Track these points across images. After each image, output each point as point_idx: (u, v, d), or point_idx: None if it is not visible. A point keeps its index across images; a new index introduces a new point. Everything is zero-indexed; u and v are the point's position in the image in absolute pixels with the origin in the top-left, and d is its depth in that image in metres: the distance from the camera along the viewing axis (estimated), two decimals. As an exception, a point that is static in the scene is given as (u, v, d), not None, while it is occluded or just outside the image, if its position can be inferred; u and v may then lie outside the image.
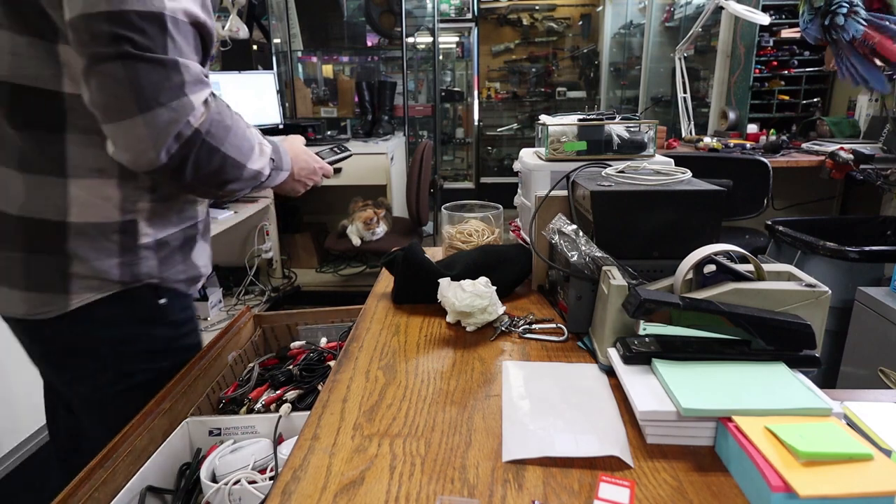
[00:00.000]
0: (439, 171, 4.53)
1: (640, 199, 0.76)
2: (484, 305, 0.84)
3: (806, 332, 0.61)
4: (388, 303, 0.98)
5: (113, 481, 0.70)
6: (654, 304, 0.61)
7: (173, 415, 0.88)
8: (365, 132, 3.59)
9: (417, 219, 2.84)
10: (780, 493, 0.45)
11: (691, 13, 3.76)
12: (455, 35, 5.22)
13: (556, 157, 1.01)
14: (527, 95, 5.63)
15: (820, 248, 1.68)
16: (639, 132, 1.02)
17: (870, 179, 2.19)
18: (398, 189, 3.27)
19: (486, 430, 0.60)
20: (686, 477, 0.52)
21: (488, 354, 0.78)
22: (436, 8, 4.19)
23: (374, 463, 0.55)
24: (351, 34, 4.08)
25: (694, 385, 0.58)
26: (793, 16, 2.93)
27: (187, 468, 0.85)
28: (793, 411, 0.54)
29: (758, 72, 2.97)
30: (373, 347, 0.81)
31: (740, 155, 2.55)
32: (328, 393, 0.69)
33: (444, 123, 5.36)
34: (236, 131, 0.77)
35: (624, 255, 0.75)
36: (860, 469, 0.47)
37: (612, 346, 0.69)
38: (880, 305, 1.42)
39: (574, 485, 0.52)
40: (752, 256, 0.67)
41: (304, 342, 1.25)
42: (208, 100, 0.72)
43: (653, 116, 4.08)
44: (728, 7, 2.47)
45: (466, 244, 1.10)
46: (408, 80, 3.94)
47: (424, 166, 2.79)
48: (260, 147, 0.84)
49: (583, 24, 5.47)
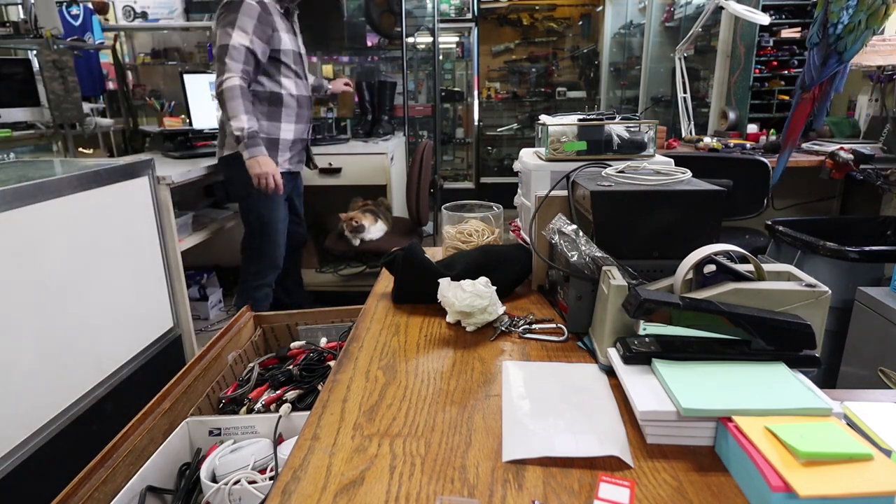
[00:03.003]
0: (439, 171, 4.53)
1: (640, 199, 0.76)
2: (484, 305, 0.84)
3: (806, 332, 0.61)
4: (388, 303, 0.98)
5: (113, 481, 0.70)
6: (654, 304, 0.61)
7: (173, 415, 0.88)
8: (365, 132, 3.58)
9: (417, 219, 2.84)
10: (780, 493, 0.45)
11: (691, 13, 3.75)
12: (455, 35, 5.22)
13: (556, 157, 1.01)
14: (527, 95, 5.63)
15: (820, 248, 1.68)
16: (639, 132, 1.02)
17: (870, 179, 2.19)
18: (398, 189, 3.27)
19: (486, 430, 0.60)
20: (686, 477, 0.52)
21: (488, 354, 0.78)
22: (436, 8, 4.19)
23: (374, 463, 0.55)
24: (351, 34, 4.08)
25: (694, 385, 0.58)
26: (793, 16, 2.93)
27: (187, 468, 0.86)
28: (793, 411, 0.54)
29: (758, 72, 2.97)
30: (373, 347, 0.81)
31: (740, 155, 2.55)
32: (328, 393, 0.69)
33: (444, 123, 5.35)
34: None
35: (624, 255, 0.75)
36: (860, 469, 0.47)
37: (612, 346, 0.69)
38: (880, 305, 1.42)
39: (574, 485, 0.52)
40: (752, 256, 0.67)
41: (304, 342, 1.25)
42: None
43: (653, 116, 4.08)
44: (728, 7, 2.47)
45: (466, 244, 1.10)
46: (408, 80, 3.94)
47: (424, 166, 2.79)
48: (239, 120, 1.98)
49: (583, 24, 5.47)
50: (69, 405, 1.50)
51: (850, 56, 1.97)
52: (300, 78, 2.29)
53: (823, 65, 1.99)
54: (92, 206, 1.61)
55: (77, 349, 1.54)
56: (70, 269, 1.51)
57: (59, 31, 2.88)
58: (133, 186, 1.80)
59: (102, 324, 1.64)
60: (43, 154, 3.13)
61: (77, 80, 2.90)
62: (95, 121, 3.17)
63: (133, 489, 0.73)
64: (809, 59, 2.05)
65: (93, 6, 3.52)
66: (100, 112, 3.46)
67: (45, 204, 1.43)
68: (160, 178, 1.96)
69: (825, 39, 1.98)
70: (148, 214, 1.89)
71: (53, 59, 2.76)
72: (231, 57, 2.01)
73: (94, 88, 3.64)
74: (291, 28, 2.26)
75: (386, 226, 2.85)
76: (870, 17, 1.91)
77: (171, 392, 0.88)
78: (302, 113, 2.31)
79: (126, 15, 3.59)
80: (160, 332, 1.94)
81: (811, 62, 2.04)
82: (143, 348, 1.83)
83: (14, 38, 2.90)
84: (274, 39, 2.12)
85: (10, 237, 1.33)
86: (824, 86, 2.07)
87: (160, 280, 1.96)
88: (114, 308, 1.70)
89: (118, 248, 1.72)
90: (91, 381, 1.59)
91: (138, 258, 1.82)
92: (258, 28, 2.04)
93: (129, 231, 1.78)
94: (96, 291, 1.62)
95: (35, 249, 1.40)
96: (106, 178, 1.66)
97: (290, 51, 2.20)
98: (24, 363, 1.37)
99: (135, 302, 1.80)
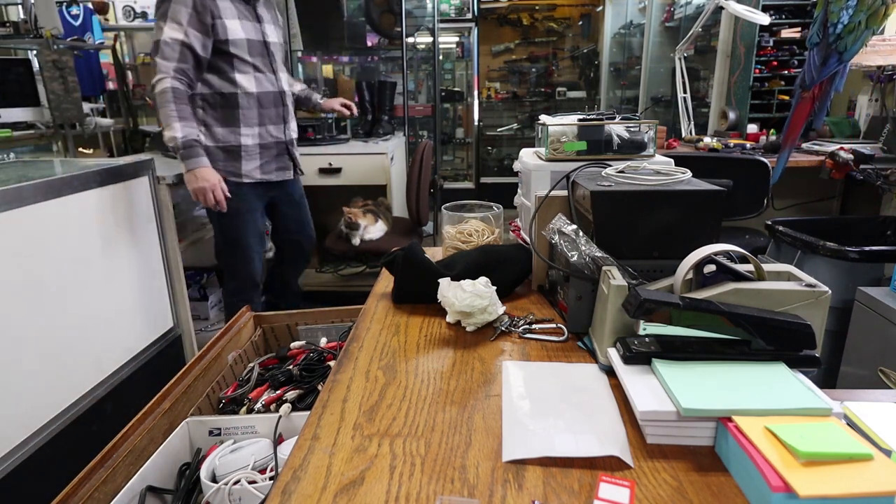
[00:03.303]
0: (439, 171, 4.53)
1: (640, 199, 0.76)
2: (484, 305, 0.84)
3: (806, 332, 0.61)
4: (388, 303, 0.98)
5: (113, 481, 0.70)
6: (654, 304, 0.61)
7: (173, 415, 0.88)
8: (365, 132, 3.58)
9: (417, 219, 2.84)
10: (780, 493, 0.45)
11: (691, 13, 3.75)
12: (455, 35, 5.22)
13: (556, 157, 1.01)
14: (527, 95, 5.63)
15: (820, 248, 1.68)
16: (639, 132, 1.02)
17: (870, 179, 2.19)
18: (398, 189, 3.27)
19: (486, 430, 0.60)
20: (686, 477, 0.52)
21: (488, 354, 0.78)
22: (436, 8, 4.19)
23: (374, 463, 0.55)
24: (351, 34, 4.08)
25: (694, 385, 0.58)
26: (793, 16, 2.93)
27: (187, 468, 0.85)
28: (793, 411, 0.54)
29: (758, 72, 2.97)
30: (373, 347, 0.81)
31: (740, 155, 2.55)
32: (328, 393, 0.69)
33: (444, 123, 5.35)
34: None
35: (624, 255, 0.75)
36: (860, 469, 0.47)
37: (612, 346, 0.69)
38: (880, 305, 1.42)
39: (574, 485, 0.52)
40: (752, 256, 0.67)
41: (304, 342, 1.25)
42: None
43: (653, 116, 4.08)
44: (728, 7, 2.47)
45: (466, 244, 1.10)
46: (408, 80, 3.94)
47: (424, 166, 2.79)
48: (171, 128, 1.75)
49: (583, 24, 5.47)
50: (69, 405, 1.50)
51: (851, 56, 1.97)
52: (263, 72, 1.94)
53: (823, 64, 2.00)
54: (92, 206, 1.61)
55: (77, 349, 1.54)
56: (70, 269, 1.51)
57: (59, 31, 2.88)
58: (133, 186, 1.80)
59: (102, 324, 1.64)
60: (43, 154, 3.13)
61: (77, 80, 2.90)
62: (95, 121, 3.17)
63: (133, 489, 0.73)
64: (810, 59, 2.05)
65: (93, 6, 3.52)
66: (100, 112, 3.46)
67: (45, 204, 1.43)
68: (160, 178, 1.96)
69: (825, 39, 1.98)
70: (148, 214, 1.89)
71: (53, 59, 2.76)
72: (163, 54, 1.72)
73: (94, 88, 3.64)
74: (251, 14, 1.92)
75: (386, 226, 2.85)
76: (870, 17, 1.92)
77: (171, 392, 0.88)
78: (267, 113, 1.98)
79: (126, 15, 3.59)
80: (160, 333, 1.94)
81: (811, 62, 2.04)
82: (143, 348, 1.83)
83: (14, 38, 2.90)
84: (217, 29, 1.79)
85: (10, 237, 1.33)
86: (824, 85, 2.07)
87: (160, 280, 1.96)
88: (114, 308, 1.70)
89: (118, 248, 1.72)
90: (91, 381, 1.59)
91: (138, 258, 1.82)
92: (194, 18, 1.74)
93: (129, 231, 1.78)
94: (96, 291, 1.62)
95: (35, 249, 1.40)
96: (106, 178, 1.66)
97: (244, 40, 1.86)
98: (24, 363, 1.37)
99: (135, 302, 1.80)
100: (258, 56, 1.92)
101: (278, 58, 2.03)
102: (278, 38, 2.05)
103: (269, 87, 1.97)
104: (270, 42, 1.98)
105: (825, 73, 2.01)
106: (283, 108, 2.04)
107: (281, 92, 2.02)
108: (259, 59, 1.93)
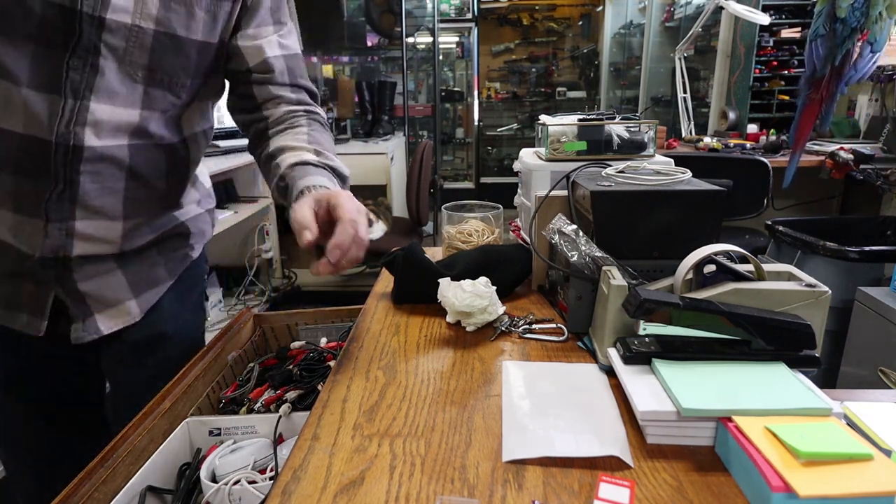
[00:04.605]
0: (439, 171, 4.53)
1: (640, 199, 0.76)
2: (484, 305, 0.84)
3: (806, 332, 0.61)
4: (388, 303, 0.98)
5: (113, 481, 0.70)
6: (654, 304, 0.61)
7: (173, 415, 0.88)
8: (365, 132, 3.59)
9: (417, 219, 2.84)
10: (780, 494, 0.45)
11: (691, 13, 3.76)
12: (455, 35, 5.22)
13: (556, 157, 1.01)
14: (527, 95, 5.63)
15: (820, 248, 1.68)
16: (639, 132, 1.02)
17: (870, 179, 2.19)
18: (398, 189, 3.27)
19: (486, 430, 0.60)
20: (686, 477, 0.52)
21: (488, 354, 0.78)
22: (436, 8, 4.19)
23: (374, 463, 0.55)
24: (351, 34, 4.08)
25: (694, 385, 0.58)
26: (793, 16, 2.93)
27: (187, 468, 0.85)
28: (793, 411, 0.54)
29: (758, 72, 2.98)
30: (373, 347, 0.81)
31: (740, 155, 2.56)
32: (328, 393, 0.69)
33: (444, 123, 5.35)
34: None
35: (624, 255, 0.75)
36: (860, 469, 0.47)
37: (612, 346, 0.69)
38: (880, 305, 1.42)
39: (574, 485, 0.52)
40: (752, 256, 0.67)
41: (304, 342, 1.25)
42: None
43: (653, 116, 4.08)
44: (728, 7, 2.47)
45: (466, 244, 1.10)
46: (408, 80, 3.94)
47: (424, 166, 2.79)
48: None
49: (583, 24, 5.47)
50: (69, 405, 1.50)
51: (880, 47, 2.05)
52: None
53: (831, 58, 2.02)
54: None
55: (77, 349, 1.53)
56: (70, 269, 1.51)
57: (59, 31, 2.87)
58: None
59: (102, 324, 1.63)
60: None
61: (77, 80, 2.89)
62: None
63: (133, 489, 0.73)
64: (812, 50, 2.06)
65: None
66: (100, 112, 3.45)
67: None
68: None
69: (831, 32, 2.00)
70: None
71: None
72: None
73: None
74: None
75: (386, 226, 2.85)
76: (888, 7, 1.95)
77: (171, 392, 0.88)
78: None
79: (126, 15, 3.58)
80: (160, 332, 1.93)
81: (814, 52, 2.05)
82: (143, 348, 1.82)
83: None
84: None
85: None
86: (830, 87, 2.08)
87: (160, 280, 1.95)
88: (114, 308, 1.69)
89: (118, 248, 1.71)
90: (91, 381, 1.59)
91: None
92: None
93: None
94: (96, 291, 1.61)
95: (35, 249, 1.40)
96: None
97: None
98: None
99: (135, 302, 1.79)
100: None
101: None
102: None
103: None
104: None
105: (862, 69, 2.04)
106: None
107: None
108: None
